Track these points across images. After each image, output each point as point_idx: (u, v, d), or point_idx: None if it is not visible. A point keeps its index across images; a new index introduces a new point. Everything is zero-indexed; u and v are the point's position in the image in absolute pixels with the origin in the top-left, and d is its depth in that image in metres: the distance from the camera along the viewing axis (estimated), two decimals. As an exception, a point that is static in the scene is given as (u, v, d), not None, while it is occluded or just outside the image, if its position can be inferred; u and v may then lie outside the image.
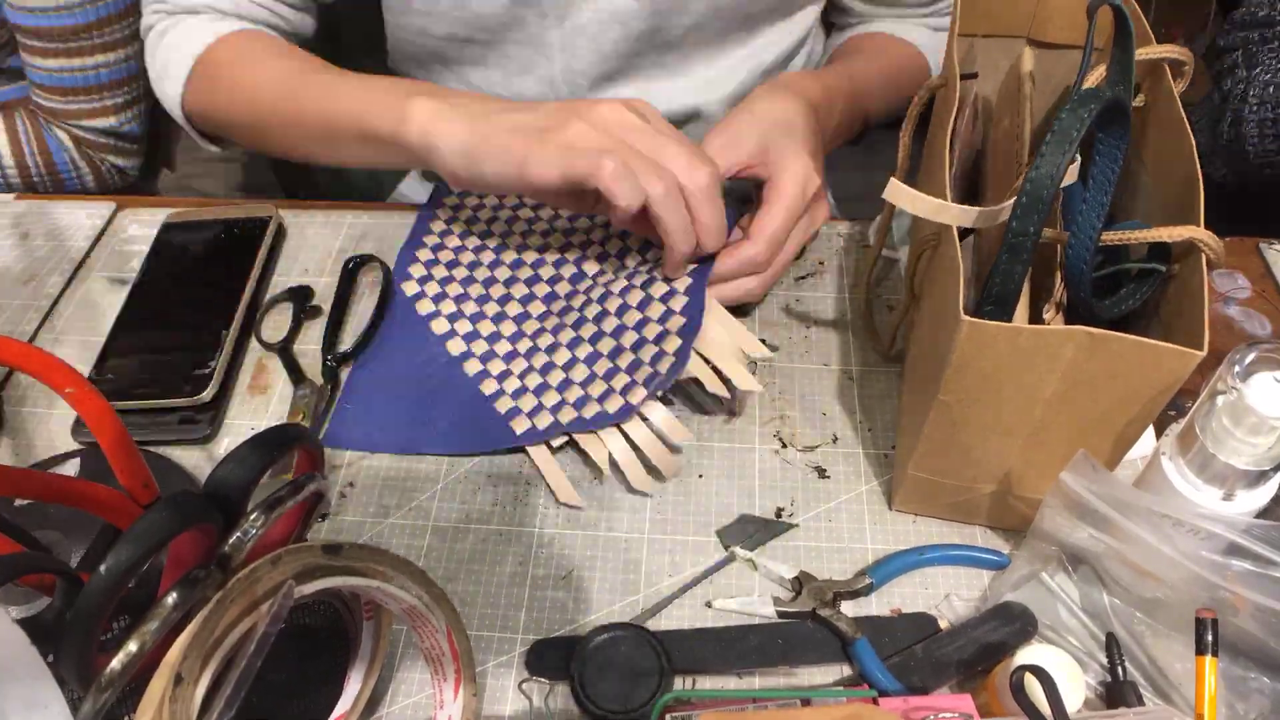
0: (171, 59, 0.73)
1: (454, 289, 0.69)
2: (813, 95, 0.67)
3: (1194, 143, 0.46)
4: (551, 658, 0.50)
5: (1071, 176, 0.51)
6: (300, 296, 0.69)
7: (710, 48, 0.78)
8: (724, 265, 0.60)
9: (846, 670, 0.50)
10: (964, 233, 0.52)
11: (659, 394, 0.58)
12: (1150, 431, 0.58)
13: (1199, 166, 0.45)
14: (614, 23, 0.73)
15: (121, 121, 0.92)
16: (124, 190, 0.98)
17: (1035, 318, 0.51)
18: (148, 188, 1.03)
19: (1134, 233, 0.46)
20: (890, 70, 0.79)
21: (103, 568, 0.33)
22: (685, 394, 0.62)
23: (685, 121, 0.82)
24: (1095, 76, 0.52)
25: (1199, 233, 0.43)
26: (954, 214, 0.47)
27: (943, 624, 0.51)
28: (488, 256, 0.70)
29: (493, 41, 0.75)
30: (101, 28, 0.85)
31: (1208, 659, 0.42)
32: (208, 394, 0.61)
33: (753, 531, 0.55)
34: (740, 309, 0.67)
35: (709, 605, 0.52)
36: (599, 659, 0.48)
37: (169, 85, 0.74)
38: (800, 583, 0.52)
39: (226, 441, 0.62)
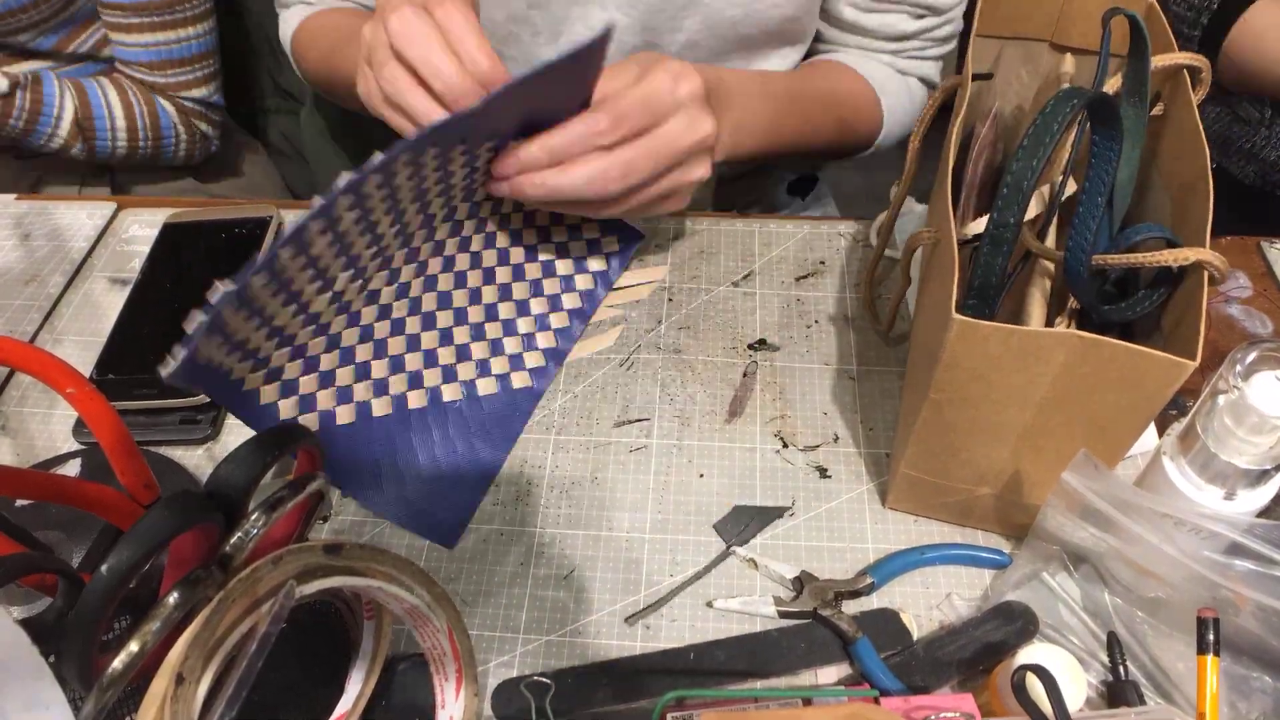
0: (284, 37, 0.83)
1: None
2: (709, 75, 0.59)
3: (1208, 155, 0.46)
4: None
5: (1070, 187, 0.52)
6: None
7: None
8: (558, 138, 0.52)
9: (848, 670, 0.50)
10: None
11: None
12: (1152, 430, 0.58)
13: (1211, 179, 0.45)
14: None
15: (210, 92, 0.98)
16: (208, 159, 1.04)
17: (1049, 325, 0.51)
18: (228, 159, 1.07)
19: (1135, 255, 0.45)
20: (826, 95, 0.75)
21: (104, 568, 0.33)
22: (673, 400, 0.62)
23: None
24: (1111, 86, 0.52)
25: (1205, 254, 0.43)
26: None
27: (943, 623, 0.51)
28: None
29: None
30: (186, 1, 0.90)
31: (1209, 658, 0.42)
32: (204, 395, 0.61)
33: (748, 522, 0.55)
34: (737, 311, 0.67)
35: (710, 605, 0.52)
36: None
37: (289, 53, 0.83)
38: (801, 582, 0.52)
39: (227, 441, 0.62)
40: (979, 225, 0.51)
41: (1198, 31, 0.85)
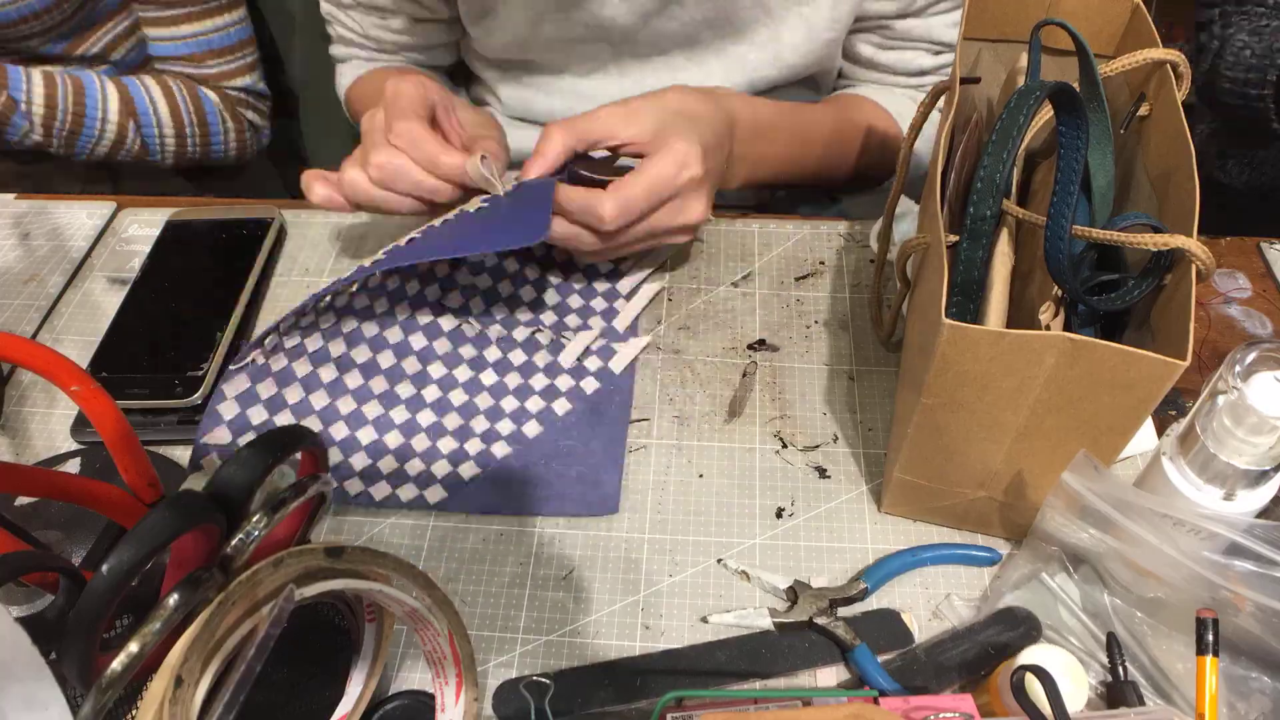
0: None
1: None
2: (738, 112, 0.67)
3: (1194, 154, 0.46)
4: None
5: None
6: None
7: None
8: (569, 201, 0.59)
9: (846, 674, 0.50)
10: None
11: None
12: (1151, 431, 0.58)
13: (1197, 177, 0.45)
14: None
15: (254, 80, 0.97)
16: (258, 155, 1.03)
17: (1021, 316, 0.51)
18: (275, 160, 1.07)
19: (1116, 234, 0.45)
20: (850, 128, 0.78)
21: (105, 567, 0.33)
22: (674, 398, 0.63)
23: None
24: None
25: (1187, 242, 0.43)
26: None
27: (942, 625, 0.51)
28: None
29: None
30: None
31: (1209, 659, 0.42)
32: (198, 396, 0.61)
33: None
34: (736, 311, 0.67)
35: (704, 620, 0.52)
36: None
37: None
38: (795, 592, 0.52)
39: (227, 441, 0.62)
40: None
41: (1268, 90, 0.83)
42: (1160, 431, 0.58)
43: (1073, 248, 0.47)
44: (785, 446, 0.60)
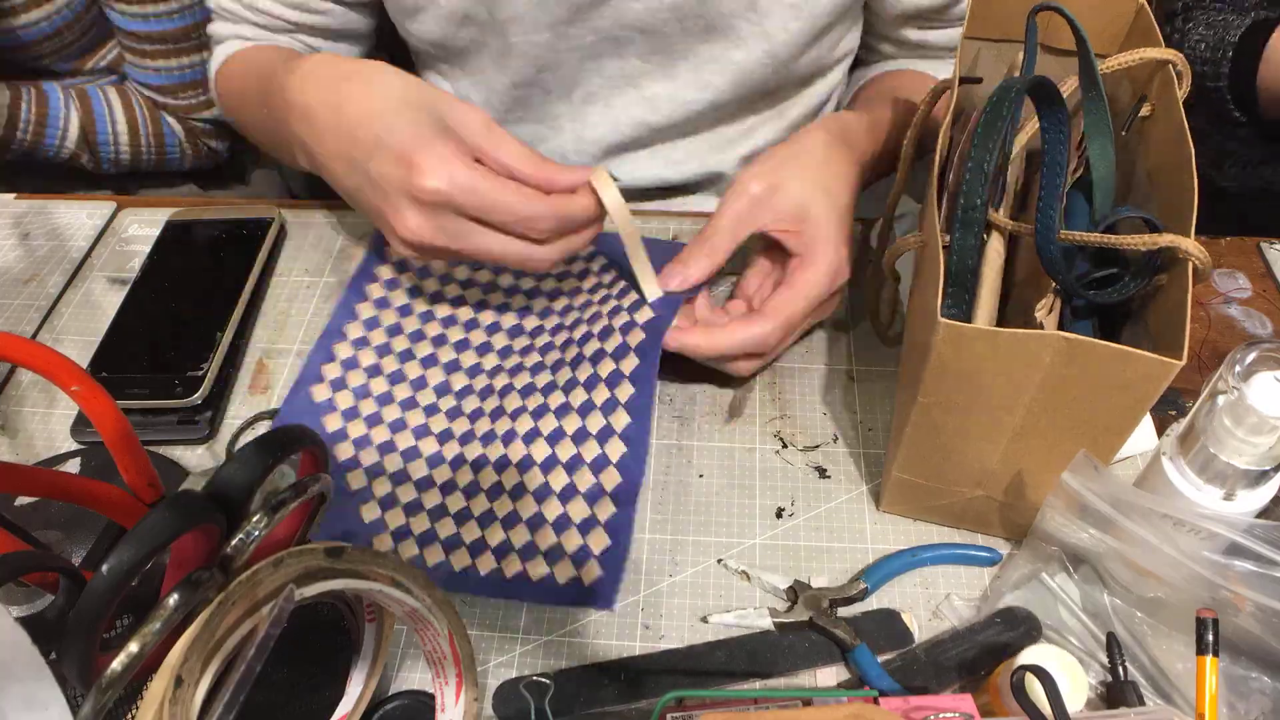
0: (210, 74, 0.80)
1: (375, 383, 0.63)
2: (865, 156, 0.64)
3: (1193, 153, 0.46)
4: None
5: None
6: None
7: (733, 116, 0.77)
8: (726, 341, 0.57)
9: (846, 674, 0.50)
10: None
11: None
12: (1151, 431, 0.58)
13: (1196, 177, 0.45)
14: (627, 86, 0.72)
15: (220, 112, 0.97)
16: (216, 169, 1.04)
17: (1018, 312, 0.51)
18: (236, 168, 1.07)
19: (1109, 237, 0.45)
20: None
21: (105, 567, 0.33)
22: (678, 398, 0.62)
23: (704, 185, 0.81)
24: (1068, 87, 0.52)
25: (1183, 241, 0.42)
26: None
27: (944, 624, 0.51)
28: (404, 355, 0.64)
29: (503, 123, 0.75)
30: (201, 28, 0.89)
31: (1208, 659, 0.42)
32: (198, 396, 0.61)
33: None
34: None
35: (704, 620, 0.52)
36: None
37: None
38: (795, 592, 0.52)
39: (226, 441, 0.62)
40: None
41: (1223, 83, 0.84)
42: (1160, 431, 0.58)
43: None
44: (785, 446, 0.60)
